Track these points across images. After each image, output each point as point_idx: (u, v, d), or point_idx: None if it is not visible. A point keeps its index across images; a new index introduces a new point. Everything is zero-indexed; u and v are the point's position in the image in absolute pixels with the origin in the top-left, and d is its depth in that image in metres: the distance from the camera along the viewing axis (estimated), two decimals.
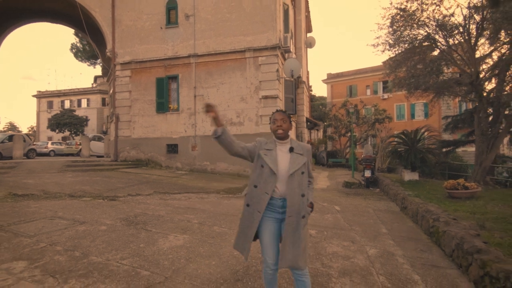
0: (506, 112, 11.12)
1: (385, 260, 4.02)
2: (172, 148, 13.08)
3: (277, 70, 12.02)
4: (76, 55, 31.98)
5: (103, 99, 43.30)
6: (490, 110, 12.48)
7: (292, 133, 15.50)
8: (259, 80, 12.11)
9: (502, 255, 3.52)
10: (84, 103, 44.15)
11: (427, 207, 5.87)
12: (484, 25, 9.63)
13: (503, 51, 10.57)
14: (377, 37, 11.89)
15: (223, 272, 3.33)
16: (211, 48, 12.65)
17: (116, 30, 13.74)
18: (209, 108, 2.17)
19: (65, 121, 37.26)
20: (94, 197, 7.03)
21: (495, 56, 11.12)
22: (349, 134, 22.58)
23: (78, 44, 31.10)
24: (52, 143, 24.67)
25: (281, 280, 3.18)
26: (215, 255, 3.80)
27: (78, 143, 25.94)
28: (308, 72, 22.81)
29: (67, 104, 44.22)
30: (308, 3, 21.61)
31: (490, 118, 11.69)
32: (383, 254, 4.22)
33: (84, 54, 31.36)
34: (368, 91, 35.21)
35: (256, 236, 2.34)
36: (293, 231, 2.19)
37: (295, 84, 14.16)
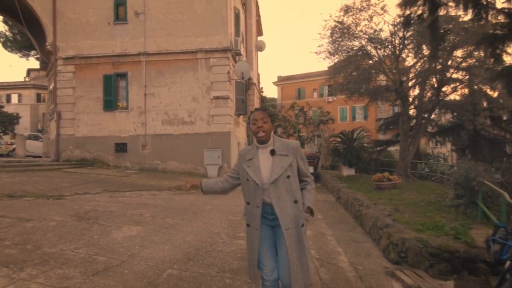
0: (426, 115, 13.03)
1: (317, 238, 4.75)
2: (121, 147, 12.78)
3: (228, 72, 12.50)
4: (4, 45, 28.71)
5: (38, 95, 39.49)
6: (414, 113, 14.45)
7: (242, 133, 16.10)
8: (211, 81, 12.45)
9: (403, 228, 4.46)
10: (14, 98, 39.75)
11: (356, 195, 6.86)
12: (406, 41, 11.24)
13: (420, 63, 12.39)
14: (319, 46, 13.09)
15: (176, 254, 3.72)
16: (162, 47, 12.65)
17: (58, 22, 12.96)
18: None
19: None
20: (37, 196, 6.78)
21: (418, 67, 12.96)
22: (296, 134, 23.95)
23: (8, 33, 27.96)
24: None
25: None
26: (168, 242, 4.16)
27: (9, 143, 23.49)
28: (258, 74, 23.65)
29: None
30: (258, 8, 22.44)
31: (414, 121, 13.59)
32: (316, 234, 4.96)
33: (15, 44, 28.32)
34: (315, 94, 37.44)
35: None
36: (296, 245, 1.96)
37: (246, 85, 14.77)
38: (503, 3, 6.17)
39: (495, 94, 12.83)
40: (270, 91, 49.97)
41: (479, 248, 3.72)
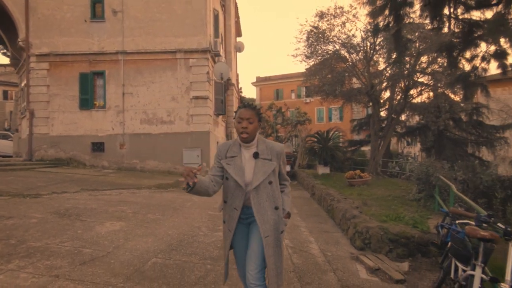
0: (394, 116, 13.84)
1: (291, 230, 5.12)
2: (98, 147, 12.62)
3: (208, 72, 12.68)
4: None
5: (5, 92, 37.49)
6: (385, 115, 15.26)
7: (221, 132, 16.33)
8: (190, 81, 12.58)
9: (369, 218, 4.92)
10: None
11: (328, 191, 7.32)
12: (376, 47, 11.94)
13: (390, 68, 13.17)
14: (296, 49, 13.58)
15: (159, 246, 3.95)
16: (140, 46, 12.62)
17: (31, 18, 12.58)
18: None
19: None
20: (13, 195, 6.70)
21: (389, 71, 13.75)
22: (274, 134, 24.43)
23: None
24: None
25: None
26: (151, 235, 4.37)
27: None
28: (237, 75, 23.91)
29: None
30: (237, 9, 22.69)
31: (385, 122, 14.37)
32: (291, 227, 5.33)
33: None
34: (293, 95, 38.19)
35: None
36: (274, 251, 1.93)
37: (225, 86, 15.00)
38: (458, 15, 6.84)
39: (457, 98, 13.85)
40: (249, 92, 50.35)
41: (431, 234, 4.24)
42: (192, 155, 12.20)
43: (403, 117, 16.53)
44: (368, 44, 11.92)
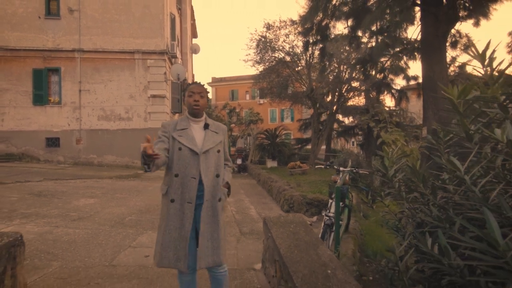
0: (332, 116, 15.97)
1: (237, 202, 6.48)
2: (53, 142, 12.78)
3: (165, 73, 13.56)
4: None
5: None
6: (326, 115, 17.37)
7: None
8: (148, 81, 13.35)
9: (295, 191, 6.48)
10: None
11: (270, 176, 8.84)
12: (315, 56, 13.87)
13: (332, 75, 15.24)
14: (247, 54, 15.05)
15: (131, 211, 5.04)
16: (98, 45, 13.07)
17: None
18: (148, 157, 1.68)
19: None
20: None
21: (331, 77, 15.82)
22: (229, 132, 25.72)
23: None
24: None
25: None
26: (123, 205, 5.42)
27: None
28: (193, 75, 24.78)
29: None
30: (193, 12, 23.59)
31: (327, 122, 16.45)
32: (237, 201, 6.70)
33: None
34: (247, 96, 39.83)
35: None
36: (210, 219, 1.91)
37: (181, 86, 15.94)
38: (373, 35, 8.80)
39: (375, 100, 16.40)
40: None
41: None
42: None
43: (346, 119, 18.96)
44: (308, 53, 13.79)
